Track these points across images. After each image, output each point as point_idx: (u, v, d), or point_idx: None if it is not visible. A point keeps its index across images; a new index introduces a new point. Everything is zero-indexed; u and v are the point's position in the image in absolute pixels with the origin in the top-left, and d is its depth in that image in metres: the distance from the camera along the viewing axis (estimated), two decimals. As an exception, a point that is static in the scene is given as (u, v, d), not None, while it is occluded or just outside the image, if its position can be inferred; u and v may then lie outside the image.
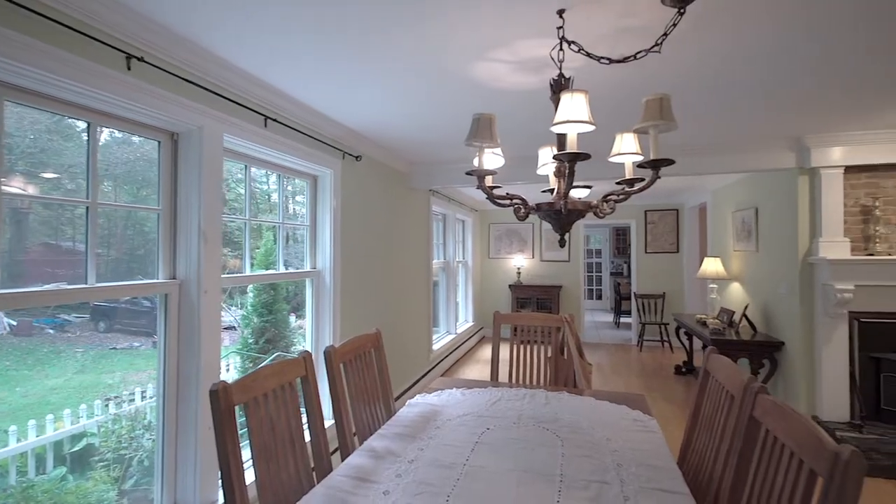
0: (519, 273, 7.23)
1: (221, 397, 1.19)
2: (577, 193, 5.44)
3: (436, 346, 5.08)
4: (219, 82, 2.03)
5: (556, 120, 1.26)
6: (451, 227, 5.83)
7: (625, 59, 1.56)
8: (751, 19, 1.67)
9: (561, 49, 1.58)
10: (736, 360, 3.98)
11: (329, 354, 1.70)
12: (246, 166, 2.40)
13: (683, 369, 5.31)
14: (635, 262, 7.21)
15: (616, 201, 1.46)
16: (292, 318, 3.68)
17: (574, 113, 1.23)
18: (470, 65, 2.04)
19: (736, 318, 4.32)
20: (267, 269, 3.17)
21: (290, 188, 3.19)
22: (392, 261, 4.03)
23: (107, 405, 2.43)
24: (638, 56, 1.55)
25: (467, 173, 1.49)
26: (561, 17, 1.60)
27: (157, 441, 1.87)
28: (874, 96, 2.52)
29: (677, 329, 5.61)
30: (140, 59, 1.67)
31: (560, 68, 1.58)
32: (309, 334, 2.87)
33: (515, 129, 3.02)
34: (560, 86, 1.55)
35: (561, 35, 1.59)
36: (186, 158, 1.92)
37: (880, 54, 1.97)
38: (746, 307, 4.24)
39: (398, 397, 4.00)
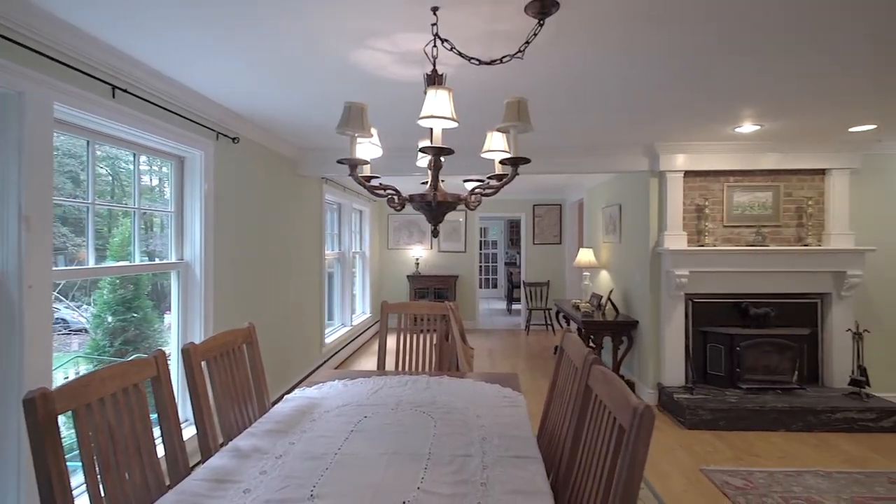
0: (417, 264, 7.34)
1: (39, 405, 1.04)
2: (470, 186, 5.68)
3: (329, 339, 4.95)
4: (47, 41, 1.73)
5: (421, 114, 1.30)
6: (347, 217, 5.70)
7: (492, 62, 1.66)
8: (605, 40, 1.89)
9: (435, 45, 1.63)
10: (602, 338, 4.53)
11: (188, 352, 1.57)
12: (88, 142, 2.08)
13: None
14: (524, 252, 7.75)
15: (482, 195, 1.56)
16: (167, 316, 3.30)
17: (438, 109, 1.28)
18: (351, 51, 2.01)
19: (603, 301, 4.89)
20: (122, 260, 2.79)
21: (164, 169, 2.84)
22: (280, 251, 3.82)
23: None
24: (504, 60, 1.67)
25: (339, 161, 1.47)
26: (435, 14, 1.65)
27: (-35, 466, 1.57)
28: (705, 116, 3.01)
29: (557, 313, 6.18)
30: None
31: (434, 64, 1.62)
32: (175, 332, 2.61)
33: (402, 119, 3.04)
34: (433, 81, 1.60)
35: (435, 32, 1.64)
36: (2, 129, 1.61)
37: (710, 80, 2.36)
38: (611, 292, 4.83)
39: (287, 392, 3.83)
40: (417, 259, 7.37)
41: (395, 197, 1.52)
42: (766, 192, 3.99)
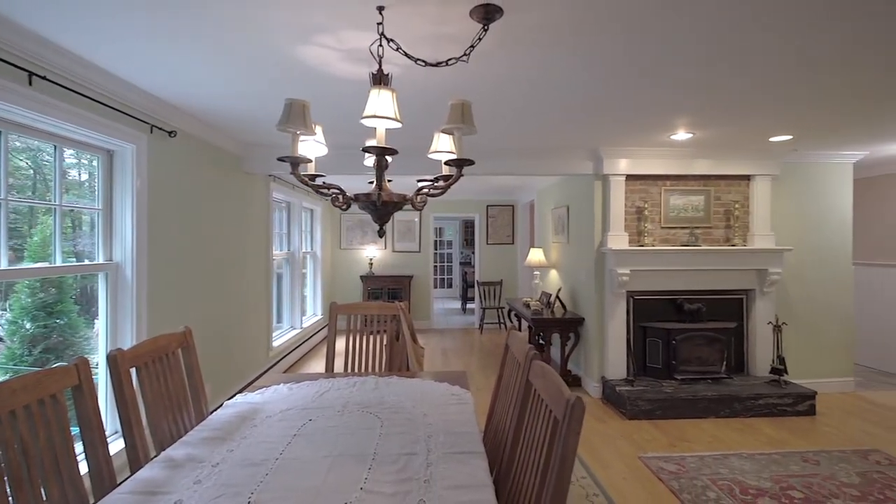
0: (371, 264, 7.26)
1: (-67, 423, 0.94)
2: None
3: (278, 342, 4.79)
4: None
5: (364, 114, 1.30)
6: (297, 216, 5.54)
7: (438, 64, 1.68)
8: (548, 48, 1.95)
9: (381, 45, 1.63)
10: (551, 335, 4.68)
11: (114, 359, 1.47)
12: (0, 132, 1.90)
13: (514, 347, 6.01)
14: (478, 252, 7.86)
15: (428, 195, 1.58)
16: (98, 322, 3.06)
17: (381, 109, 1.28)
18: (297, 46, 1.96)
19: (552, 300, 5.05)
20: (42, 261, 2.56)
21: (96, 164, 2.62)
22: (223, 252, 3.66)
23: None
24: (449, 63, 1.69)
25: (279, 159, 1.43)
26: (381, 13, 1.65)
27: None
28: (643, 123, 3.19)
29: (509, 312, 6.32)
30: None
31: (380, 63, 1.62)
32: (104, 338, 2.43)
33: (350, 117, 3.00)
34: (378, 80, 1.60)
35: (381, 31, 1.63)
36: None
37: (647, 89, 2.50)
38: (559, 290, 5.00)
39: (229, 399, 3.67)
40: (371, 259, 7.29)
41: (340, 196, 1.50)
42: (698, 195, 4.28)
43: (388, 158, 1.63)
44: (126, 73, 2.28)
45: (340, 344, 5.04)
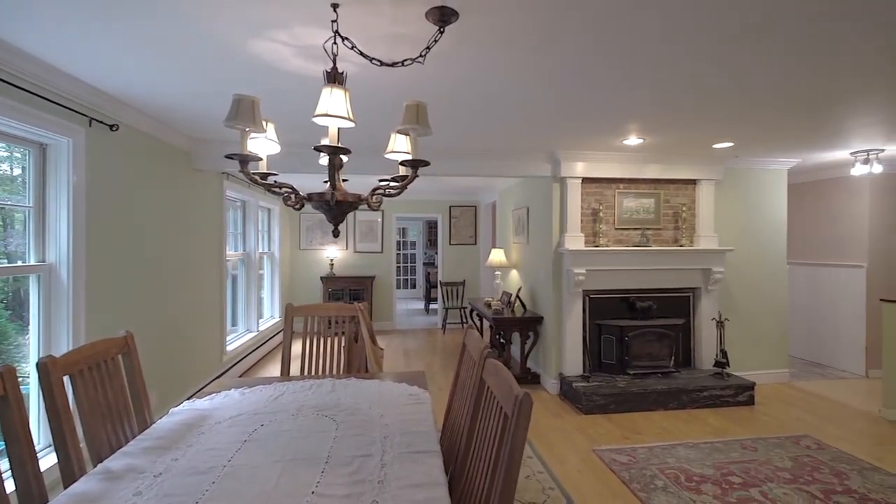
0: (332, 265, 7.13)
1: None
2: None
3: (232, 346, 4.62)
4: None
5: (315, 112, 1.28)
6: (253, 216, 5.36)
7: (393, 64, 1.68)
8: (505, 52, 1.99)
9: (335, 43, 1.61)
10: (511, 333, 4.76)
11: (44, 366, 1.37)
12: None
13: (476, 346, 6.08)
14: (441, 252, 7.89)
15: (384, 195, 1.57)
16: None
17: (333, 107, 1.26)
18: (249, 39, 1.90)
19: (512, 299, 5.14)
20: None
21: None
22: (172, 252, 3.49)
23: None
24: (405, 63, 1.69)
25: (227, 156, 1.39)
26: (335, 10, 1.63)
27: None
28: (598, 128, 3.30)
29: (471, 312, 6.38)
30: None
31: (334, 61, 1.60)
32: (35, 346, 2.26)
33: (307, 115, 2.91)
34: (333, 79, 1.58)
35: (335, 28, 1.61)
36: None
37: (600, 95, 2.60)
38: (519, 290, 5.10)
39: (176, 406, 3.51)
40: (332, 260, 7.16)
41: (292, 195, 1.47)
42: (649, 198, 4.49)
43: (344, 158, 1.62)
44: (62, 62, 2.13)
45: (298, 347, 4.92)
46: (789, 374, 4.77)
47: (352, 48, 1.63)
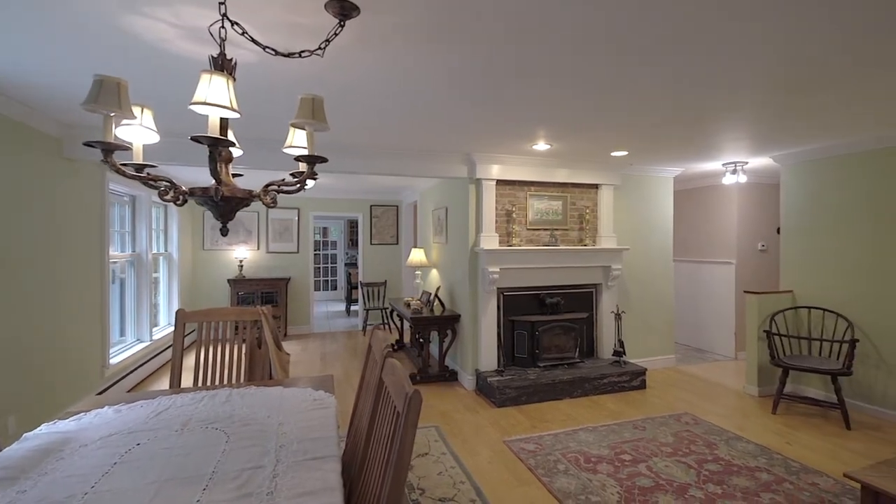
0: (241, 266, 6.66)
1: None
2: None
3: (118, 359, 4.12)
4: None
5: (192, 100, 1.18)
6: (145, 212, 4.83)
7: (289, 55, 1.60)
8: (409, 51, 1.99)
9: (223, 27, 1.50)
10: (430, 332, 4.80)
11: None
12: None
13: (395, 347, 6.05)
14: (362, 252, 7.74)
15: (278, 192, 1.49)
16: None
17: (212, 96, 1.17)
18: (123, 15, 1.70)
19: (432, 298, 5.19)
20: None
21: None
22: (36, 253, 3.02)
23: None
24: (302, 55, 1.62)
25: (86, 144, 1.23)
26: (223, -8, 1.51)
27: None
28: (508, 132, 3.44)
29: (391, 312, 6.34)
30: None
31: (222, 47, 1.49)
32: None
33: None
34: (221, 66, 1.47)
35: (223, 12, 1.50)
36: None
37: (507, 100, 2.69)
38: (438, 289, 5.16)
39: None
40: (241, 261, 6.69)
41: (170, 189, 1.34)
42: (557, 200, 4.78)
43: (238, 151, 1.51)
44: None
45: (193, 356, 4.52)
46: (675, 359, 5.35)
47: (242, 34, 1.53)
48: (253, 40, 1.53)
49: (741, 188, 5.56)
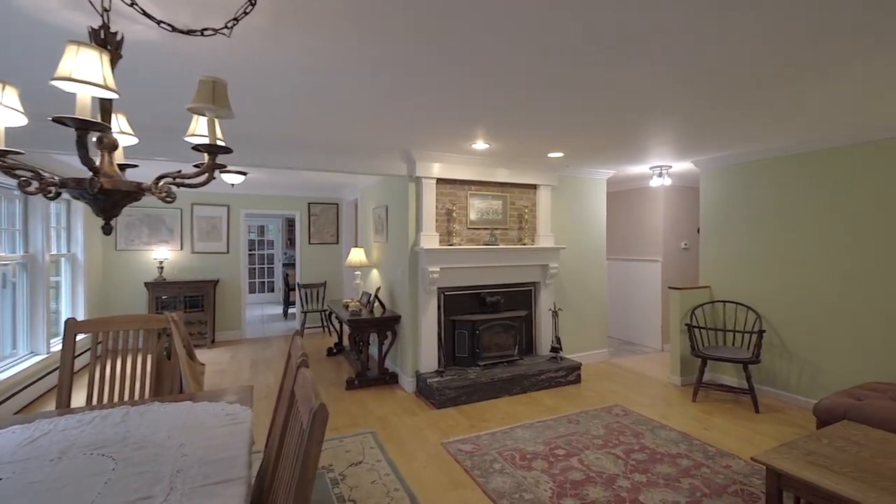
0: (162, 268, 6.12)
1: None
2: (232, 179, 5.04)
3: (5, 375, 3.61)
4: None
5: (55, 75, 1.00)
6: (40, 209, 4.27)
7: (190, 32, 1.44)
8: (327, 41, 1.86)
9: (106, -6, 1.30)
10: (369, 334, 4.65)
11: None
12: None
13: (334, 350, 5.83)
14: (299, 252, 7.40)
15: (174, 184, 1.32)
16: None
17: (80, 71, 1.00)
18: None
19: (371, 299, 5.04)
20: None
21: None
22: None
23: None
24: (206, 33, 1.46)
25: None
26: (106, -46, 1.32)
27: None
28: (445, 131, 3.38)
29: (329, 314, 6.10)
30: None
31: (105, 18, 1.29)
32: None
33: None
34: (104, 41, 1.28)
35: (105, -24, 1.31)
36: None
37: (442, 97, 2.62)
38: (378, 290, 5.02)
39: None
40: (161, 262, 6.15)
41: (34, 180, 1.14)
42: (498, 200, 4.81)
43: (130, 139, 1.32)
44: None
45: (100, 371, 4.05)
46: (608, 352, 5.59)
47: (131, 4, 1.34)
48: (144, 13, 1.35)
49: (667, 191, 5.91)
